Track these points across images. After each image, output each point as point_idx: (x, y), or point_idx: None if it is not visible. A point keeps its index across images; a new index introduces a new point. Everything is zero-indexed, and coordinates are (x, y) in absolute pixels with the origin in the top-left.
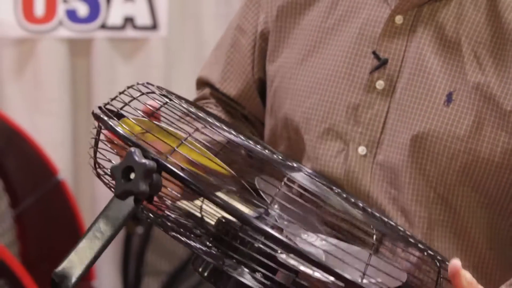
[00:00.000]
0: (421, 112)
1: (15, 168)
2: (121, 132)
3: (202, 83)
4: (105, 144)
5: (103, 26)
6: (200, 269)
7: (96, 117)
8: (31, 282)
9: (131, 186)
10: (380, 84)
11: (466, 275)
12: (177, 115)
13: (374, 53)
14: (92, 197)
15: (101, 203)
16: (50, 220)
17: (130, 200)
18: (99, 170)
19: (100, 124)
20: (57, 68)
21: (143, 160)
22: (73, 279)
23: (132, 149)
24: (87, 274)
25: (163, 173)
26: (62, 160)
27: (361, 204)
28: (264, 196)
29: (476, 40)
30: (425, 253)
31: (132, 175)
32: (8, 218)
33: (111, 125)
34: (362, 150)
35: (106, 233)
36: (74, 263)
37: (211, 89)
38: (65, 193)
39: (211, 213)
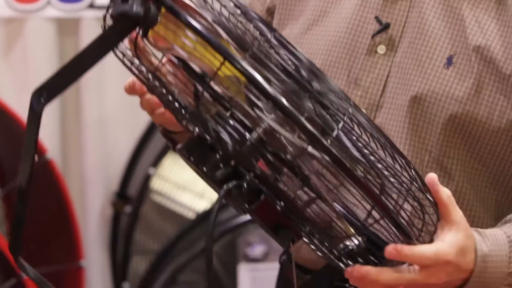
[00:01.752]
0: (421, 74)
1: (3, 147)
2: None
3: None
4: None
5: (91, 6)
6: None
7: None
8: None
9: (127, 7)
10: (381, 48)
11: (445, 189)
12: None
13: (376, 18)
14: (80, 176)
15: (89, 182)
16: (38, 199)
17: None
18: None
19: None
20: (45, 48)
21: None
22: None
23: None
24: (76, 253)
25: None
26: (50, 139)
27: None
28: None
29: (478, 4)
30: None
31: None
32: None
33: None
34: None
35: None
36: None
37: None
38: (54, 173)
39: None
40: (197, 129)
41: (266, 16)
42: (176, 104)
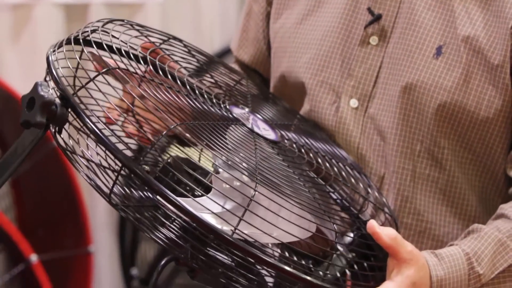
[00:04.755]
0: (411, 64)
1: (12, 134)
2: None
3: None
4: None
5: None
6: None
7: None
8: (27, 247)
9: (30, 116)
10: (374, 39)
11: (388, 231)
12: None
13: (368, 9)
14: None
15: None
16: (47, 185)
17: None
18: None
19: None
20: (53, 33)
21: (43, 93)
22: None
23: (39, 81)
24: (84, 239)
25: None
26: None
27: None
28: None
29: None
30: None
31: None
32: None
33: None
34: (353, 103)
35: (13, 161)
36: None
37: (235, 58)
38: (62, 158)
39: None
40: None
41: (266, 6)
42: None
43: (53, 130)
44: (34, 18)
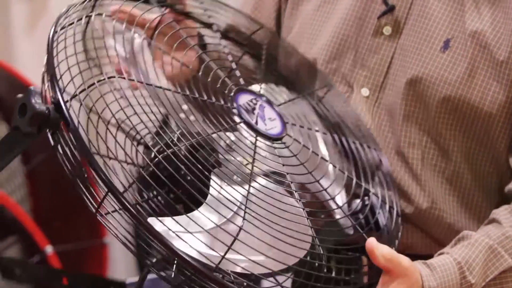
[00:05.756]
0: (419, 57)
1: None
2: None
3: None
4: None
5: None
6: None
7: None
8: (42, 238)
9: (21, 123)
10: (387, 30)
11: (384, 251)
12: None
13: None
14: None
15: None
16: (62, 176)
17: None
18: None
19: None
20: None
21: (34, 103)
22: None
23: (32, 88)
24: (99, 230)
25: None
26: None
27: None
28: None
29: None
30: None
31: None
32: (20, 174)
33: None
34: (365, 91)
35: None
36: None
37: None
38: None
39: None
40: None
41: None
42: None
43: (49, 132)
44: (49, 10)
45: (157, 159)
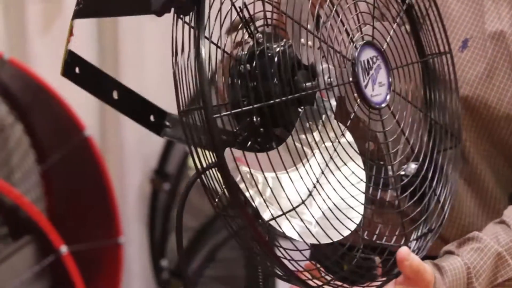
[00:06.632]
0: None
1: (42, 125)
2: None
3: None
4: None
5: None
6: None
7: None
8: (57, 238)
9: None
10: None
11: (413, 263)
12: None
13: None
14: (119, 153)
15: (127, 159)
16: (77, 176)
17: None
18: None
19: None
20: (84, 24)
21: None
22: None
23: None
24: (114, 230)
25: None
26: (89, 116)
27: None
28: None
29: None
30: None
31: None
32: (35, 174)
33: None
34: None
35: None
36: None
37: None
38: (92, 149)
39: None
40: None
41: None
42: None
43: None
44: (65, 9)
45: None
